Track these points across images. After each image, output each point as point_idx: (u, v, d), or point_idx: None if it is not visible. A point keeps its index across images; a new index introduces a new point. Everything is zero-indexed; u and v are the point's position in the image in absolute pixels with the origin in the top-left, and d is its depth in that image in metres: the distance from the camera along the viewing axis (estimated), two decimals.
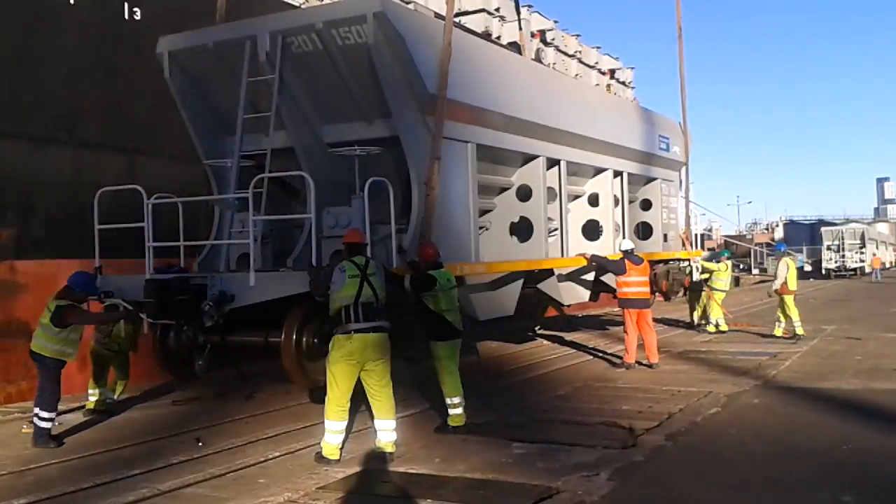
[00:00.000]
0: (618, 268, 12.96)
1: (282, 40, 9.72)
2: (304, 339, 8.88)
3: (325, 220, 9.37)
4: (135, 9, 13.19)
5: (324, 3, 15.69)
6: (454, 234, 10.25)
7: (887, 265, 54.08)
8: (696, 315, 19.00)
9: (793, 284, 16.95)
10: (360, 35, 9.19)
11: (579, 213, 14.23)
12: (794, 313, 16.72)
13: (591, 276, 13.90)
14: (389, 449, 7.67)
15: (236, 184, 9.91)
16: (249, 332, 9.35)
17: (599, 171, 14.47)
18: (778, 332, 16.93)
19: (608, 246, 14.07)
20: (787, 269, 16.87)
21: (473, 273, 10.38)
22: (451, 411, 8.71)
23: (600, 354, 14.80)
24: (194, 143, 11.02)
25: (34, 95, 12.07)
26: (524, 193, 12.27)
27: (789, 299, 16.82)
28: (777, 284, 16.86)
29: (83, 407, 10.33)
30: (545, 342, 17.21)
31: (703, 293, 18.26)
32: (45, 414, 8.77)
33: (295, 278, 8.74)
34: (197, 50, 10.45)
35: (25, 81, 11.96)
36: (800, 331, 16.55)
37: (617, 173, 14.93)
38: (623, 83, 31.90)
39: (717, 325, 17.90)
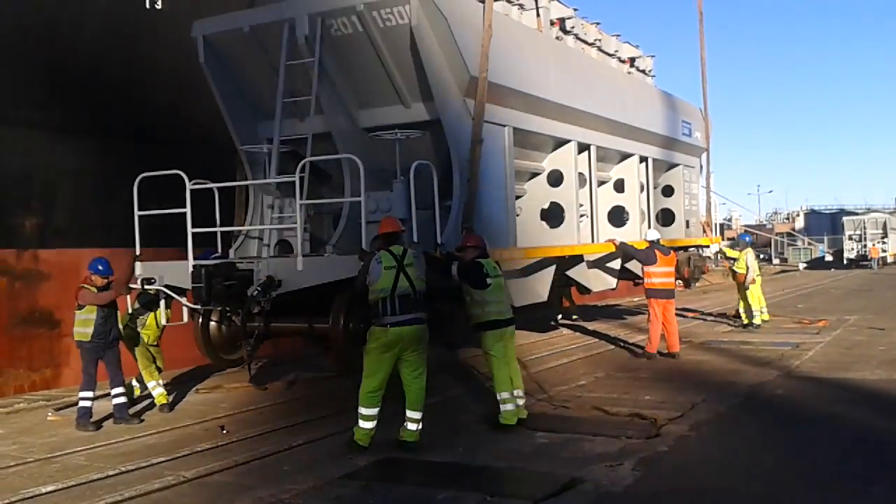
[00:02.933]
0: (647, 257, 12.86)
1: (321, 23, 9.67)
2: (351, 325, 8.85)
3: (366, 204, 9.35)
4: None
5: None
6: (492, 220, 10.21)
7: (889, 258, 53.19)
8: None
9: (757, 274, 17.18)
10: (402, 16, 9.15)
11: (605, 198, 14.19)
12: (756, 302, 16.89)
13: (616, 264, 13.83)
14: (414, 438, 7.64)
15: (277, 169, 9.88)
16: (293, 319, 9.33)
17: (626, 156, 14.44)
18: (744, 317, 16.97)
19: (634, 232, 14.03)
20: (754, 260, 17.02)
21: (511, 259, 10.37)
22: (500, 407, 8.42)
23: (622, 344, 14.74)
24: (228, 129, 11.00)
25: (58, 85, 12.12)
26: (555, 178, 12.21)
27: (755, 288, 16.97)
28: (750, 276, 16.70)
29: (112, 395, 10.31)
30: (565, 331, 17.16)
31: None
32: (80, 394, 8.96)
33: (342, 263, 8.69)
34: (233, 34, 10.40)
35: (49, 72, 12.00)
36: (757, 320, 16.75)
37: (642, 159, 14.89)
38: (643, 71, 31.60)
39: (750, 317, 16.84)
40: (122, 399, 9.21)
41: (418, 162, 9.20)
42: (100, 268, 9.19)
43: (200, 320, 9.80)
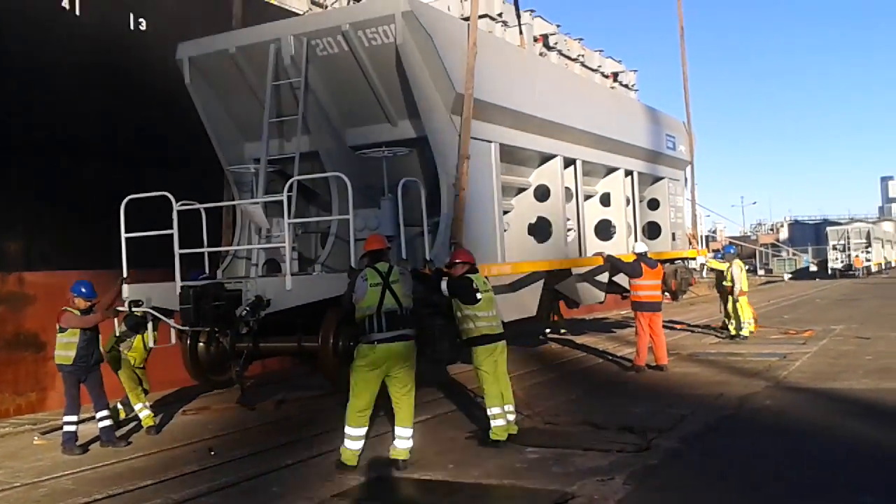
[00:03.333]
0: (633, 270, 12.92)
1: (307, 43, 9.73)
2: (341, 343, 8.84)
3: (354, 222, 9.32)
4: (140, 19, 13.21)
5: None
6: (480, 235, 10.24)
7: (873, 267, 53.63)
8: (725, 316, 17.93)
9: (745, 285, 17.26)
10: (387, 35, 9.22)
11: (592, 212, 14.27)
12: (745, 314, 16.93)
13: (604, 277, 13.89)
14: (404, 456, 7.61)
15: (265, 189, 9.91)
16: (282, 338, 9.33)
17: (611, 170, 14.54)
18: (732, 328, 17.02)
19: (621, 245, 14.11)
20: (740, 272, 17.08)
21: (500, 274, 10.37)
22: (491, 423, 8.36)
23: (610, 357, 14.75)
24: (215, 150, 11.02)
25: (43, 106, 12.07)
26: (542, 193, 12.29)
27: (744, 299, 17.04)
28: (737, 288, 16.78)
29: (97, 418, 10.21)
30: (554, 345, 17.17)
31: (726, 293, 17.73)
32: (65, 418, 8.91)
33: (331, 281, 8.70)
34: (219, 55, 10.44)
35: (34, 93, 11.96)
36: (745, 331, 16.80)
37: (628, 172, 15.00)
38: (626, 86, 31.95)
39: (738, 328, 16.87)
40: (108, 422, 9.14)
41: (406, 179, 9.23)
42: (83, 290, 9.13)
43: (188, 342, 9.74)
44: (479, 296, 8.36)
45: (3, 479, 7.85)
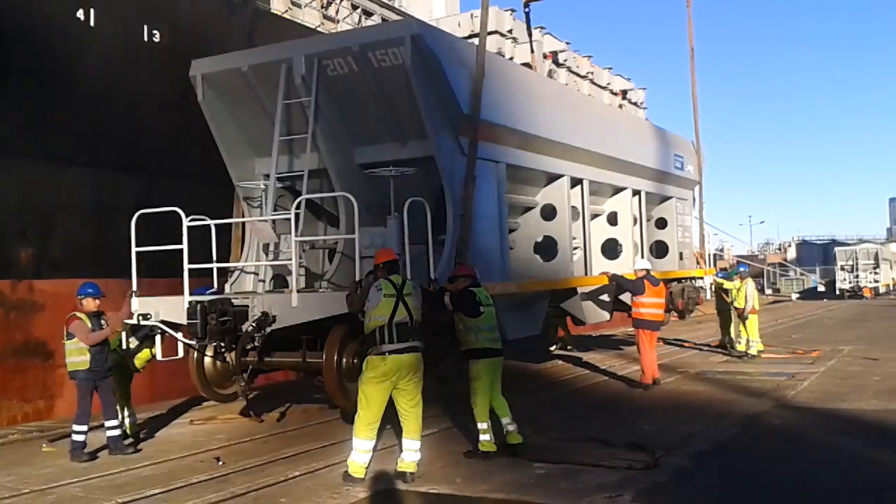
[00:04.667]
0: (636, 287, 12.93)
1: (318, 63, 9.87)
2: (345, 360, 8.96)
3: (360, 240, 9.44)
4: (154, 31, 13.32)
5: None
6: (485, 254, 10.34)
7: (881, 288, 53.35)
8: (732, 335, 17.70)
9: (757, 304, 17.18)
10: (396, 57, 9.36)
11: (599, 231, 14.31)
12: (753, 333, 16.84)
13: (608, 296, 13.88)
14: (412, 469, 7.62)
15: (274, 205, 10.06)
16: (287, 353, 9.43)
17: (619, 189, 14.60)
18: (741, 347, 16.93)
19: (627, 264, 14.14)
20: (752, 290, 17.04)
21: (505, 293, 10.42)
22: (480, 437, 8.46)
23: (618, 374, 14.72)
24: (226, 165, 11.16)
25: (56, 116, 12.16)
26: (548, 212, 12.38)
27: (754, 318, 16.95)
28: (749, 306, 16.73)
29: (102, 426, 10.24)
30: (560, 362, 17.15)
31: (732, 313, 17.72)
32: (74, 427, 8.92)
33: (336, 299, 8.76)
34: (231, 73, 10.60)
35: (48, 102, 12.06)
36: (753, 350, 16.70)
37: (635, 192, 15.05)
38: (635, 104, 32.03)
39: (747, 345, 16.77)
40: (117, 431, 9.18)
41: (411, 199, 9.32)
42: (89, 290, 9.16)
43: (196, 355, 9.86)
44: (482, 309, 8.43)
45: (11, 485, 7.90)
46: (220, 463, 8.45)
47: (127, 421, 9.86)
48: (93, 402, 9.08)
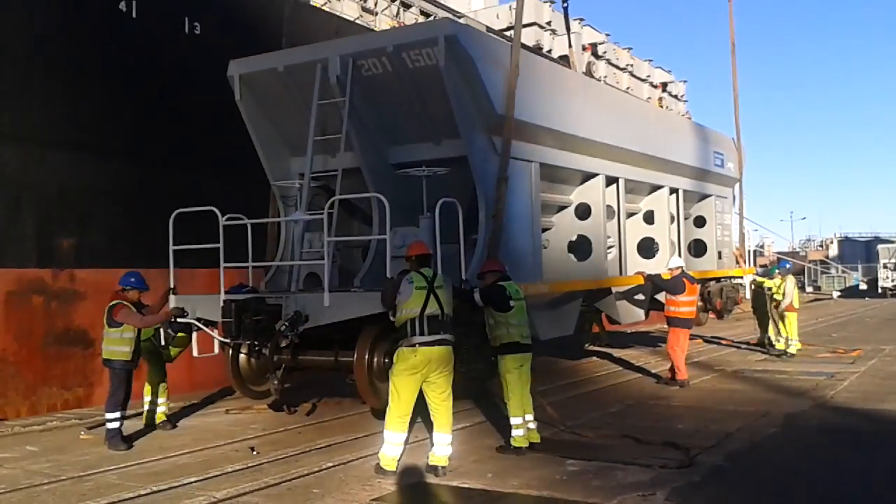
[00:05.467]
0: (675, 286, 12.78)
1: (352, 63, 9.96)
2: (376, 360, 9.06)
3: (392, 239, 9.50)
4: (195, 23, 13.44)
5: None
6: (518, 254, 10.33)
7: None
8: (771, 334, 17.36)
9: (796, 302, 16.92)
10: (430, 57, 9.39)
11: (635, 230, 14.18)
12: (792, 331, 16.63)
13: (643, 295, 13.77)
14: (443, 463, 7.63)
15: (307, 204, 10.18)
16: (320, 352, 9.57)
17: (656, 188, 14.47)
18: (780, 346, 16.74)
19: (664, 264, 13.96)
20: (792, 287, 16.76)
21: (537, 293, 10.40)
22: (513, 432, 8.48)
23: (652, 372, 14.60)
24: (262, 165, 11.32)
25: (96, 107, 12.33)
26: (583, 211, 12.32)
27: (793, 316, 16.71)
28: (785, 302, 16.48)
29: (141, 414, 10.41)
30: (595, 358, 17.06)
31: (770, 311, 17.36)
32: (108, 415, 9.03)
33: (368, 299, 8.84)
34: (268, 73, 10.73)
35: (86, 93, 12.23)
36: (793, 349, 16.51)
37: (673, 190, 14.91)
38: (675, 96, 31.69)
39: (786, 344, 16.61)
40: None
41: (444, 199, 9.34)
42: (132, 280, 9.29)
43: (231, 353, 10.06)
44: (511, 303, 8.43)
45: (50, 472, 8.05)
46: (255, 452, 8.55)
47: (159, 409, 10.13)
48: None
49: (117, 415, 9.04)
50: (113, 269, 11.86)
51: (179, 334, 9.94)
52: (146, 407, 10.17)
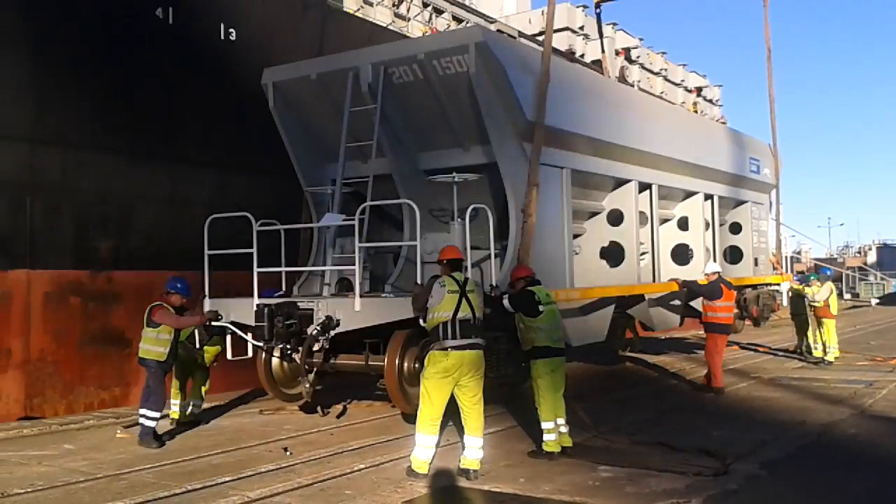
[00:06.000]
0: (712, 292, 12.63)
1: (384, 71, 10.04)
2: (406, 365, 9.14)
3: (423, 245, 9.53)
4: (230, 29, 13.59)
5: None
6: (549, 260, 10.30)
7: None
8: (810, 340, 17.13)
9: (835, 309, 16.64)
10: (460, 65, 9.44)
11: (669, 236, 14.08)
12: (831, 338, 16.38)
13: (678, 301, 13.65)
14: (475, 466, 7.61)
15: (338, 210, 10.33)
16: (351, 356, 9.67)
17: (690, 194, 14.34)
18: (818, 353, 16.53)
19: (698, 270, 13.84)
20: (829, 294, 16.47)
21: (568, 299, 10.39)
22: (544, 437, 8.42)
23: (687, 378, 14.45)
24: (296, 171, 11.45)
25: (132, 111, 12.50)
26: (615, 218, 12.28)
27: (831, 323, 16.45)
28: (821, 296, 16.27)
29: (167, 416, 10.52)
30: (629, 364, 16.93)
31: (809, 317, 17.08)
32: (148, 413, 9.15)
33: (398, 305, 8.90)
34: (301, 81, 10.86)
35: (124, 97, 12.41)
36: (830, 357, 16.25)
37: (707, 196, 14.78)
38: (710, 101, 31.41)
39: (824, 351, 16.41)
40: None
41: (473, 206, 9.38)
42: (179, 286, 9.43)
43: (263, 356, 10.19)
44: (541, 308, 8.41)
45: (86, 469, 8.17)
46: (289, 453, 8.60)
47: (188, 409, 10.37)
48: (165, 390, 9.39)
49: (156, 414, 9.17)
50: (149, 272, 12.07)
51: (213, 338, 10.11)
52: (174, 408, 10.30)
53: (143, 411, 9.19)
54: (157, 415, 9.18)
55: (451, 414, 7.91)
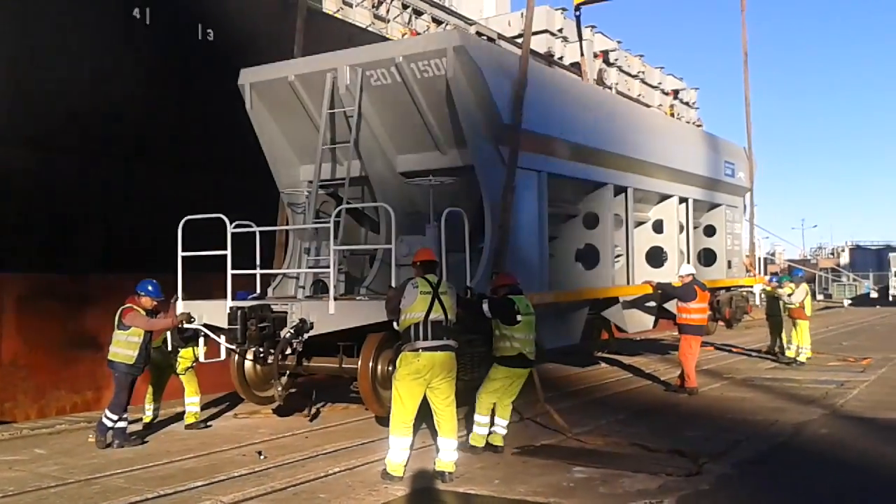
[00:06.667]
0: (687, 293, 12.72)
1: (362, 73, 10.03)
2: (380, 368, 9.12)
3: (398, 248, 9.54)
4: (208, 30, 13.50)
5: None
6: (524, 264, 10.35)
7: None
8: (784, 341, 17.38)
9: (809, 310, 16.87)
10: (438, 68, 9.46)
11: (643, 239, 14.19)
12: (803, 339, 16.59)
13: (653, 303, 13.74)
14: (450, 468, 7.62)
15: (316, 212, 10.28)
16: (325, 358, 9.62)
17: (665, 197, 14.48)
18: (790, 353, 16.70)
19: (672, 273, 13.96)
20: (805, 295, 16.71)
21: (542, 302, 10.41)
22: (474, 428, 8.63)
23: (661, 379, 14.55)
24: (272, 172, 11.38)
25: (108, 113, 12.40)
26: (590, 221, 12.33)
27: (804, 324, 16.66)
28: (795, 299, 16.50)
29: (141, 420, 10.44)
30: (604, 365, 17.01)
31: (783, 319, 17.31)
32: (111, 415, 9.13)
33: (372, 307, 8.90)
34: (278, 82, 10.80)
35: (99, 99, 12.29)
36: (803, 357, 16.47)
37: (682, 200, 14.92)
38: (687, 104, 31.63)
39: (797, 352, 16.59)
40: (123, 423, 9.30)
41: (449, 209, 9.39)
42: (149, 288, 9.35)
43: (236, 358, 10.12)
44: (518, 318, 8.46)
45: (57, 474, 8.09)
46: (262, 457, 8.55)
47: (151, 413, 10.27)
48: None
49: (120, 417, 9.12)
50: (121, 274, 11.90)
51: (189, 345, 10.06)
52: (147, 413, 10.24)
53: (106, 412, 9.23)
54: (116, 417, 9.12)
55: (425, 416, 7.92)
